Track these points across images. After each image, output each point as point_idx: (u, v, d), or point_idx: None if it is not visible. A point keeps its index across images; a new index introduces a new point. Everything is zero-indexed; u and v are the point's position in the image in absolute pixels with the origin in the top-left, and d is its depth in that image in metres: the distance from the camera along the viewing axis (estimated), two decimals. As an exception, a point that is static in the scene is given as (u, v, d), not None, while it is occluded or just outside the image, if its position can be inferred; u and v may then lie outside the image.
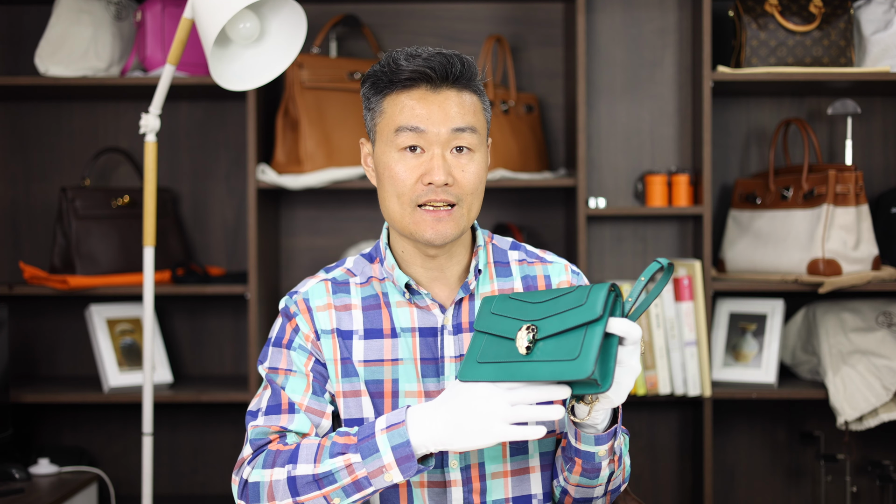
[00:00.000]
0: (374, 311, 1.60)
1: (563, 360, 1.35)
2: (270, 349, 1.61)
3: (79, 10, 2.81)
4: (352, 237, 3.08)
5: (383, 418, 1.44)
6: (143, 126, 2.47)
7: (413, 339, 1.59)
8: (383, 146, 1.56)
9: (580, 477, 1.53)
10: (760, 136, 3.07)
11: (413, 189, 1.53)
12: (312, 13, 2.99)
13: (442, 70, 1.52)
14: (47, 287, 2.81)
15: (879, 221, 2.90)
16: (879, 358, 2.73)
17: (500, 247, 1.68)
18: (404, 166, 1.53)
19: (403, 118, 1.53)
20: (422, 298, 1.60)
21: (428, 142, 1.53)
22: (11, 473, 2.62)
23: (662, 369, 2.76)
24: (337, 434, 1.47)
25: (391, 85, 1.54)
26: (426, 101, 1.53)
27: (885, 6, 2.80)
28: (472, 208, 1.56)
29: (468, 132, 1.54)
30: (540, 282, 1.65)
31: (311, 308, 1.60)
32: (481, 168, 1.56)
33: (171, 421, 3.09)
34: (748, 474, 3.09)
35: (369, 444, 1.42)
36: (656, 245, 3.07)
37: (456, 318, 1.59)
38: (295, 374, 1.58)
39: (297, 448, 1.48)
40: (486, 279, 1.64)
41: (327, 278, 1.64)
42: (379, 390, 1.57)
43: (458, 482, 1.56)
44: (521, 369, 1.38)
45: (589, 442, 1.48)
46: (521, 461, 1.59)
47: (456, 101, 1.54)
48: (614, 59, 3.06)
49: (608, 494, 1.59)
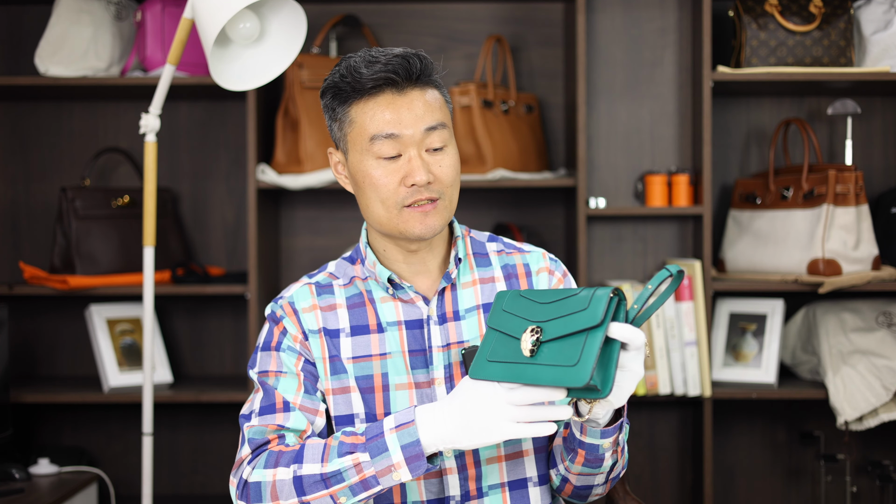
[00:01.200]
0: (360, 309, 1.62)
1: (562, 366, 1.35)
2: (259, 354, 1.63)
3: (79, 10, 2.81)
4: (352, 237, 3.08)
5: (391, 418, 1.45)
6: (143, 126, 2.47)
7: (400, 332, 1.60)
8: (358, 155, 1.57)
9: (582, 467, 1.54)
10: (760, 136, 3.07)
11: (396, 192, 1.55)
12: (312, 13, 2.99)
13: (404, 72, 1.53)
14: (47, 287, 2.81)
15: (879, 221, 2.90)
16: (879, 358, 2.73)
17: (477, 239, 1.71)
18: (383, 172, 1.55)
19: (375, 126, 1.54)
20: (405, 292, 1.62)
21: (403, 145, 1.54)
22: (11, 473, 2.62)
23: (662, 369, 2.76)
24: (343, 434, 1.48)
25: (355, 93, 1.55)
26: (395, 106, 1.54)
27: (885, 6, 2.80)
28: (452, 199, 1.59)
29: (439, 128, 1.56)
30: (520, 270, 1.68)
31: (296, 310, 1.62)
32: (455, 160, 1.59)
33: (171, 421, 3.09)
34: (748, 474, 3.09)
35: (378, 443, 1.43)
36: (656, 245, 3.08)
37: (440, 308, 1.62)
38: (286, 374, 1.59)
39: (303, 448, 1.49)
40: (467, 269, 1.66)
41: (311, 282, 1.66)
42: (369, 385, 1.59)
43: (453, 469, 1.57)
44: (525, 371, 1.39)
45: (595, 435, 1.49)
46: (514, 445, 1.60)
47: (422, 100, 1.55)
48: (614, 59, 3.06)
49: (609, 482, 1.61)
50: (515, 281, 1.67)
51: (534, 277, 1.67)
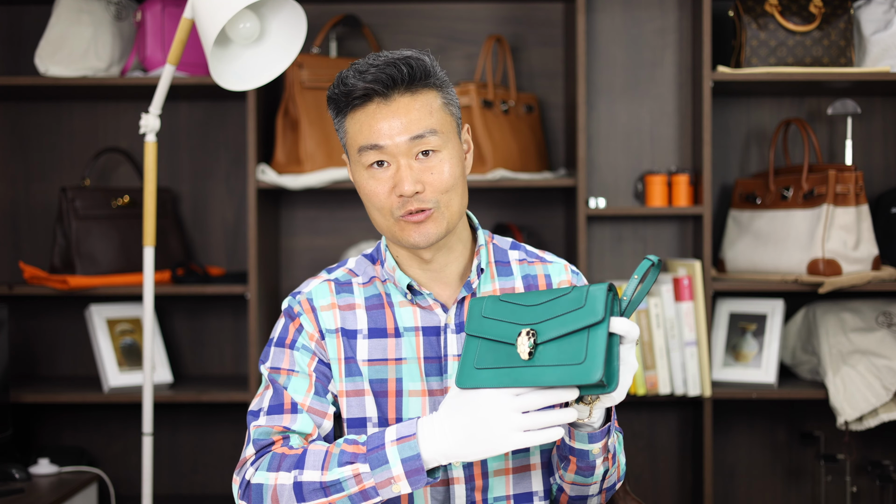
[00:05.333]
0: (378, 311, 1.61)
1: (569, 365, 1.35)
2: (273, 349, 1.62)
3: (79, 10, 2.81)
4: (352, 237, 3.08)
5: (393, 429, 1.44)
6: (143, 126, 2.47)
7: (416, 338, 1.59)
8: (353, 165, 1.58)
9: (575, 475, 1.54)
10: (760, 136, 3.07)
11: (388, 201, 1.54)
12: (312, 13, 2.99)
13: (389, 80, 1.51)
14: (47, 287, 2.81)
15: (879, 221, 2.90)
16: (879, 358, 2.73)
17: (500, 247, 1.69)
18: (375, 182, 1.54)
19: (362, 137, 1.54)
20: (424, 299, 1.61)
21: (390, 154, 1.53)
22: (11, 473, 2.62)
23: (662, 369, 2.76)
24: (345, 442, 1.47)
25: (347, 105, 1.55)
26: (379, 116, 1.52)
27: (885, 6, 2.80)
28: (450, 205, 1.55)
29: (428, 135, 1.53)
30: (540, 281, 1.66)
31: (315, 308, 1.61)
32: (453, 164, 1.55)
33: (171, 421, 3.09)
34: (748, 474, 3.09)
35: (378, 455, 1.42)
36: (656, 245, 3.07)
37: (459, 317, 1.60)
38: (297, 374, 1.58)
39: (304, 453, 1.48)
40: (488, 278, 1.64)
41: (330, 278, 1.65)
42: (383, 389, 1.58)
43: (460, 479, 1.57)
44: (525, 375, 1.37)
45: (583, 440, 1.49)
46: (522, 459, 1.60)
47: (409, 108, 1.53)
48: (614, 59, 3.06)
49: (603, 492, 1.60)
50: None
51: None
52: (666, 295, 2.76)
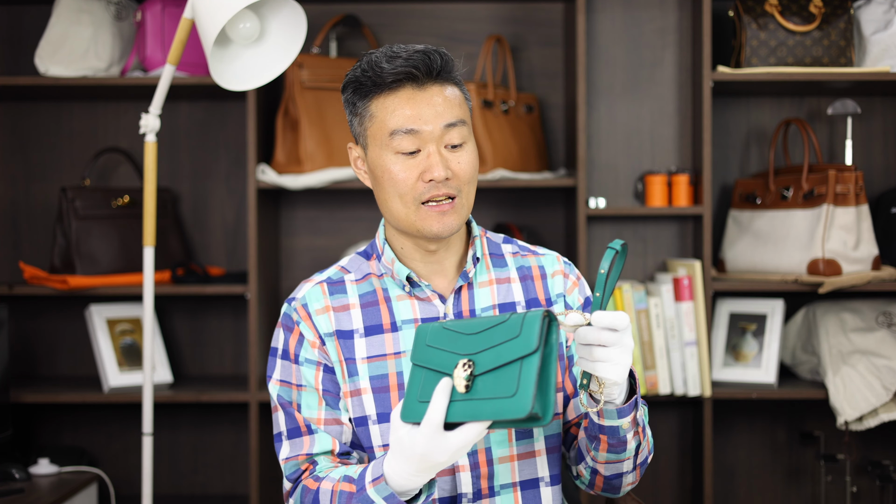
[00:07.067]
0: (373, 308, 1.62)
1: (501, 398, 1.31)
2: (278, 362, 1.63)
3: (79, 10, 2.81)
4: (352, 237, 3.08)
5: (369, 470, 1.46)
6: (143, 126, 2.47)
7: (415, 330, 1.60)
8: (378, 150, 1.57)
9: (608, 453, 1.53)
10: (760, 136, 3.07)
11: (415, 188, 1.55)
12: (312, 13, 2.99)
13: (425, 67, 1.54)
14: (47, 287, 2.81)
15: (879, 221, 2.90)
16: (879, 358, 2.73)
17: (493, 240, 1.71)
18: (403, 167, 1.55)
19: (395, 121, 1.54)
20: (422, 290, 1.62)
21: (423, 140, 1.54)
22: (11, 473, 2.62)
23: (662, 369, 2.76)
24: (344, 480, 1.50)
25: (376, 88, 1.55)
26: (415, 101, 1.54)
27: (885, 6, 2.80)
28: (469, 197, 1.59)
29: (458, 125, 1.56)
30: (535, 272, 1.68)
31: (310, 313, 1.62)
32: (474, 157, 1.59)
33: (171, 421, 3.09)
34: (748, 474, 3.09)
35: (364, 496, 1.45)
36: (656, 245, 3.08)
37: (457, 307, 1.62)
38: (306, 388, 1.60)
39: (317, 494, 1.51)
40: (483, 269, 1.66)
41: (322, 280, 1.66)
42: (384, 385, 1.59)
43: (465, 467, 1.58)
44: (462, 409, 1.33)
45: (612, 416, 1.48)
46: (526, 444, 1.60)
47: (442, 97, 1.55)
48: (614, 59, 3.06)
49: (637, 468, 1.59)
50: (531, 283, 1.66)
51: (549, 280, 1.67)
52: (666, 295, 2.76)
